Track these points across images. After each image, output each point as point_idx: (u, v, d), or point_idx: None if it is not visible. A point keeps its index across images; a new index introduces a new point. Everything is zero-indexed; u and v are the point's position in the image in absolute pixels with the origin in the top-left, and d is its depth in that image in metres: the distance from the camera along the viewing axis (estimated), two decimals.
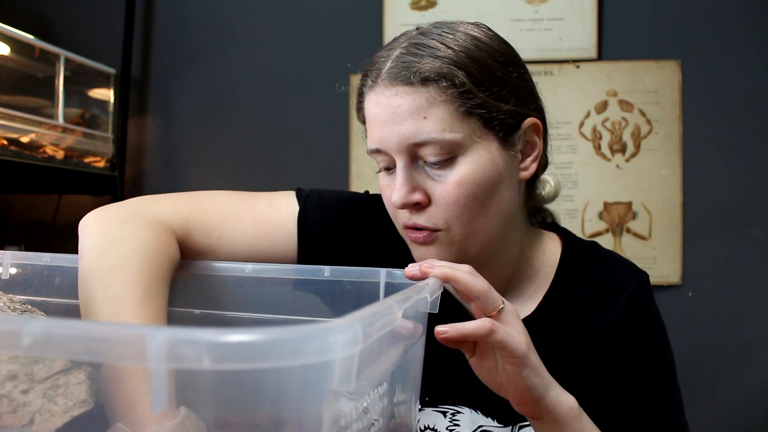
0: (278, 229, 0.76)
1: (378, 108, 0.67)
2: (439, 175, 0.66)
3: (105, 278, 0.59)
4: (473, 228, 0.68)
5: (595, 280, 0.76)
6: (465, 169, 0.66)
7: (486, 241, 0.70)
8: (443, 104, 0.64)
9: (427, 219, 0.67)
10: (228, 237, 0.73)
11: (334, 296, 0.66)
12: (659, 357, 0.74)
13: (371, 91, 0.68)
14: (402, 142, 0.65)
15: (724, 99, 1.70)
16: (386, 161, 0.69)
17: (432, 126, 0.64)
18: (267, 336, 0.29)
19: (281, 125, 1.92)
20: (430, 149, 0.65)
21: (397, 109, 0.65)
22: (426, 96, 0.64)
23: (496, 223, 0.70)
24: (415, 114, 0.65)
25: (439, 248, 0.68)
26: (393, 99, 0.66)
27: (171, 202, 0.72)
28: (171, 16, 2.00)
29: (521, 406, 0.60)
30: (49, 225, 1.97)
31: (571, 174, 1.76)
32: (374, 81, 0.68)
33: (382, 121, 0.67)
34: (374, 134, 0.68)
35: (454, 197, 0.66)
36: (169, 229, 0.68)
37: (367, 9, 1.87)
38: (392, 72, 0.66)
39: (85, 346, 0.30)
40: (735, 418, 1.66)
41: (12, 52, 1.58)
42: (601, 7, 1.76)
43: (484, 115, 0.66)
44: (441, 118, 0.64)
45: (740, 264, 1.68)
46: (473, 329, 0.56)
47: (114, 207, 0.68)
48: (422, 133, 0.64)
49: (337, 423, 0.38)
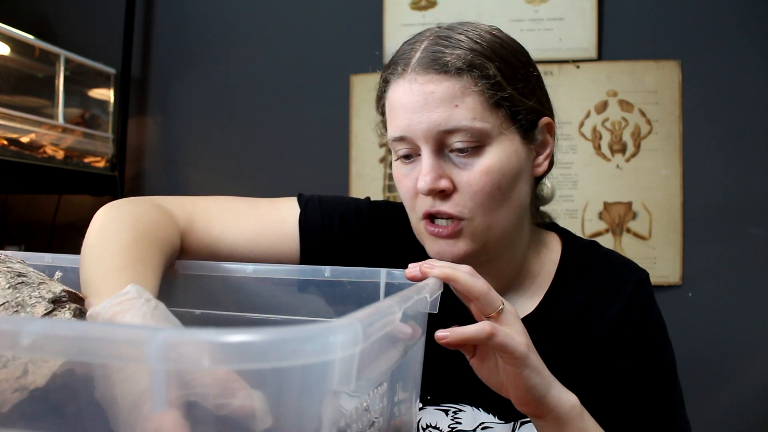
0: (280, 227, 0.77)
1: (409, 94, 0.68)
2: (465, 163, 0.67)
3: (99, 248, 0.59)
4: (494, 218, 0.69)
5: (595, 279, 0.77)
6: (492, 159, 0.67)
7: (503, 234, 0.71)
8: (475, 94, 0.66)
9: (452, 206, 0.68)
10: (230, 231, 0.74)
11: (334, 296, 0.66)
12: (660, 354, 0.75)
13: (400, 78, 0.69)
14: (432, 128, 0.66)
15: (724, 99, 1.70)
16: (407, 149, 0.70)
17: (463, 114, 0.66)
18: (267, 336, 0.29)
19: (281, 125, 1.92)
20: (460, 136, 0.66)
21: (429, 96, 0.66)
22: (459, 85, 0.66)
23: (514, 216, 0.71)
24: (447, 101, 0.66)
25: (460, 241, 0.69)
26: (426, 86, 0.67)
27: (177, 199, 0.74)
28: (171, 16, 2.00)
29: (523, 405, 0.60)
30: (49, 225, 1.97)
31: (571, 174, 1.76)
32: (404, 68, 0.69)
33: (411, 108, 0.67)
34: (401, 121, 0.69)
35: (481, 185, 0.67)
36: (172, 217, 0.69)
37: (367, 9, 1.87)
38: (424, 60, 0.67)
39: (85, 346, 0.30)
40: (735, 417, 1.65)
41: (12, 52, 1.58)
42: (601, 7, 1.76)
43: (511, 108, 0.68)
44: (472, 107, 0.66)
45: (740, 264, 1.68)
46: (473, 333, 0.56)
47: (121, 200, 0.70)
48: (453, 121, 0.66)
49: (337, 423, 0.38)
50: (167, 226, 0.67)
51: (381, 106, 0.74)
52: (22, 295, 0.43)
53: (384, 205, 0.84)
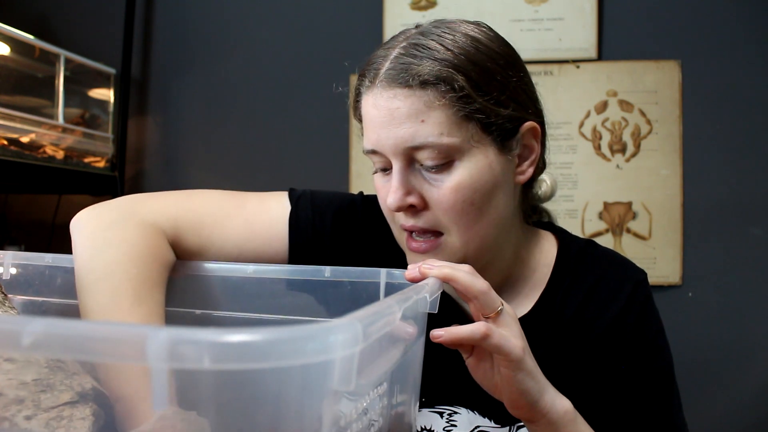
0: (269, 231, 0.75)
1: (375, 110, 0.66)
2: (435, 179, 0.65)
3: (94, 287, 0.60)
4: (471, 234, 0.67)
5: (591, 279, 0.76)
6: (462, 174, 0.65)
7: (483, 246, 0.70)
8: (441, 108, 0.63)
9: (425, 221, 0.67)
10: (218, 237, 0.73)
11: (334, 296, 0.66)
12: (658, 356, 0.74)
13: (368, 91, 0.67)
14: (399, 145, 0.65)
15: (724, 99, 1.70)
16: (382, 162, 0.68)
17: (430, 130, 0.63)
18: (267, 336, 0.29)
19: (281, 125, 1.92)
20: (427, 153, 0.64)
21: (394, 112, 0.64)
22: (424, 99, 0.63)
23: (493, 229, 0.69)
24: (412, 117, 0.64)
25: (440, 256, 0.68)
26: (391, 102, 0.65)
27: (161, 201, 0.72)
28: (171, 16, 2.00)
29: (515, 409, 0.60)
30: (49, 225, 1.97)
31: (571, 174, 1.76)
32: (372, 82, 0.67)
33: (378, 123, 0.66)
34: (370, 135, 0.67)
35: (451, 202, 0.65)
36: (159, 231, 0.68)
37: (367, 9, 1.87)
38: (390, 74, 0.65)
39: (85, 346, 0.30)
40: (735, 417, 1.65)
41: (12, 52, 1.58)
42: (601, 7, 1.76)
43: (483, 120, 0.65)
44: (439, 122, 0.64)
45: (740, 264, 1.68)
46: (468, 333, 0.55)
47: (104, 208, 0.68)
48: (420, 137, 0.64)
49: (337, 423, 0.38)
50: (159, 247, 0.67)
51: (358, 115, 0.73)
52: (55, 379, 0.44)
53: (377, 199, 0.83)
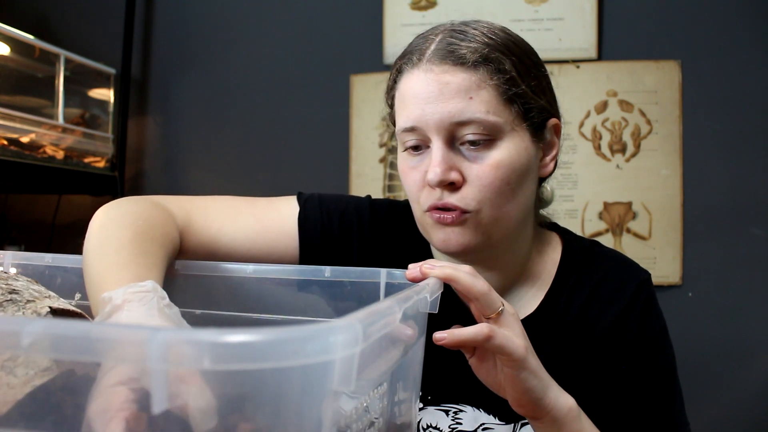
0: (279, 227, 0.77)
1: (424, 84, 0.67)
2: (476, 156, 0.67)
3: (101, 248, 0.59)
4: (501, 213, 0.69)
5: (596, 279, 0.76)
6: (503, 153, 0.67)
7: (508, 229, 0.71)
8: (490, 88, 0.66)
9: (459, 199, 0.67)
10: (228, 229, 0.74)
11: (334, 296, 0.66)
12: (660, 356, 0.75)
13: (415, 68, 0.69)
14: (446, 119, 0.66)
15: (724, 99, 1.70)
16: (416, 140, 0.69)
17: (477, 107, 0.66)
18: (267, 336, 0.29)
19: (281, 125, 1.92)
20: (472, 129, 0.66)
21: (444, 87, 0.66)
22: (474, 78, 0.66)
23: (519, 213, 0.71)
24: (462, 93, 0.66)
25: (466, 230, 0.68)
26: (442, 76, 0.66)
27: (175, 198, 0.74)
28: (171, 16, 2.00)
29: (520, 407, 0.60)
30: (49, 225, 1.97)
31: (571, 174, 1.76)
32: (419, 58, 0.68)
33: (425, 98, 0.67)
34: (412, 111, 0.68)
35: (491, 179, 0.67)
36: (171, 215, 0.70)
37: (367, 9, 1.87)
38: (441, 51, 0.67)
39: (85, 346, 0.30)
40: (735, 417, 1.65)
41: (12, 52, 1.58)
42: (601, 7, 1.76)
43: (524, 104, 0.68)
44: (486, 100, 0.66)
45: (740, 264, 1.68)
46: (471, 335, 0.56)
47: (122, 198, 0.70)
48: (468, 113, 0.65)
49: (337, 423, 0.38)
50: (167, 223, 0.67)
51: (391, 97, 0.74)
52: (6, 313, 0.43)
53: (385, 204, 0.84)
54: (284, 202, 0.80)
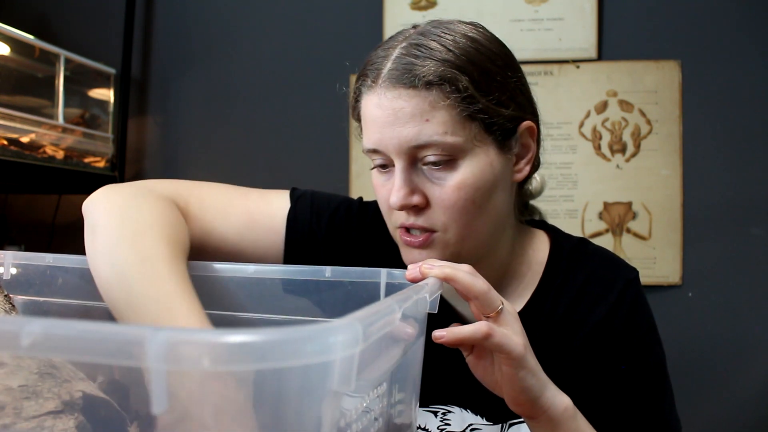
0: (269, 222, 0.77)
1: (379, 109, 0.66)
2: (438, 177, 0.66)
3: (132, 239, 0.59)
4: (469, 231, 0.68)
5: (583, 277, 0.76)
6: (465, 173, 0.66)
7: (479, 243, 0.70)
8: (446, 108, 0.64)
9: (425, 220, 0.67)
10: (220, 223, 0.74)
11: (334, 296, 0.66)
12: (649, 353, 0.74)
13: (370, 91, 0.67)
14: (403, 144, 0.65)
15: (724, 99, 1.70)
16: (382, 159, 0.69)
17: (434, 129, 0.64)
18: (267, 336, 0.29)
19: (281, 125, 1.92)
20: (432, 150, 0.65)
21: (399, 112, 0.65)
22: (429, 99, 0.64)
23: (490, 225, 0.70)
24: (417, 117, 0.64)
25: (433, 251, 0.68)
26: (395, 101, 0.65)
27: (172, 184, 0.74)
28: (171, 16, 2.00)
29: (517, 406, 0.60)
30: (49, 225, 1.97)
31: (571, 174, 1.76)
32: (374, 81, 0.67)
33: (381, 123, 0.66)
34: (373, 135, 0.67)
35: (453, 200, 0.66)
36: (176, 206, 0.70)
37: (367, 9, 1.87)
38: (393, 74, 0.65)
39: (85, 346, 0.30)
40: (735, 417, 1.65)
41: (12, 52, 1.58)
42: (601, 7, 1.76)
43: (485, 120, 0.66)
44: (443, 122, 0.64)
45: (740, 264, 1.68)
46: (470, 333, 0.56)
47: (118, 186, 0.69)
48: (424, 136, 0.64)
49: (337, 423, 0.38)
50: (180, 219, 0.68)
51: (357, 114, 0.73)
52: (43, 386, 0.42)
53: (373, 205, 0.83)
54: (277, 196, 0.79)
